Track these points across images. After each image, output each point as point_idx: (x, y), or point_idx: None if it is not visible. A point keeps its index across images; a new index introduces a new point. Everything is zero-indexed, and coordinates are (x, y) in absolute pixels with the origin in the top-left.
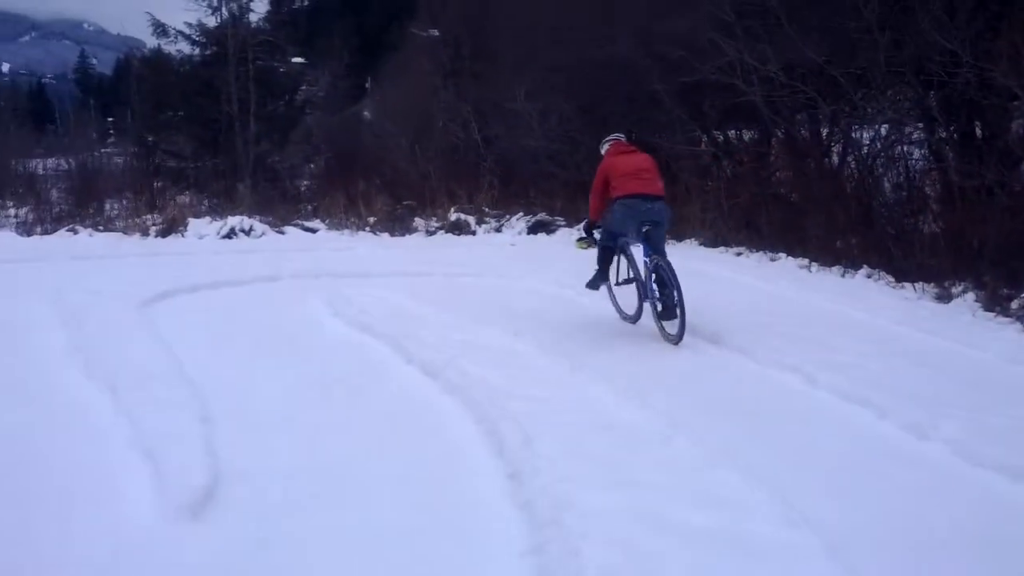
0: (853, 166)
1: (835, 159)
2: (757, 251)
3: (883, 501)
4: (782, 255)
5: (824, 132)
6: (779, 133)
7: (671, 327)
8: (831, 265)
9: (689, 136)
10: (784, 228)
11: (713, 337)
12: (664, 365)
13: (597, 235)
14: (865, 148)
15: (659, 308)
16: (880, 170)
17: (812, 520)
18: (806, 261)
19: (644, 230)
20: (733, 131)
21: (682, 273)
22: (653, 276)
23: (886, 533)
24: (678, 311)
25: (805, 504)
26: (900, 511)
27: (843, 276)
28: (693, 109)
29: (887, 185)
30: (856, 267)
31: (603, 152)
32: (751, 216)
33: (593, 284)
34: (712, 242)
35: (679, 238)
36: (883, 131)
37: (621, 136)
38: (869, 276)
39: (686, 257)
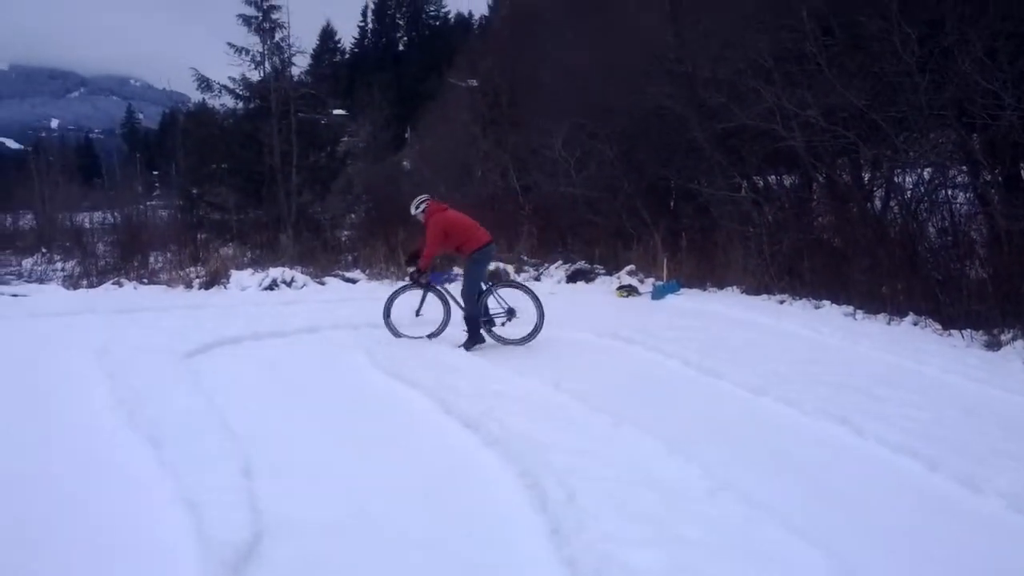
0: (896, 211)
1: (878, 204)
2: (800, 298)
3: (937, 558)
4: (826, 302)
5: (866, 176)
6: (820, 178)
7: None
8: (876, 312)
9: (729, 182)
10: (827, 274)
11: (758, 388)
12: (708, 417)
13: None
14: (908, 192)
15: (498, 323)
16: (924, 215)
17: None
18: (851, 308)
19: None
20: (773, 176)
21: (725, 321)
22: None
23: None
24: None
25: (856, 561)
26: (955, 568)
27: (889, 324)
28: (732, 155)
29: (932, 230)
30: (902, 314)
31: (419, 211)
32: (793, 263)
33: (473, 341)
34: (754, 290)
35: (720, 286)
36: (926, 175)
37: (429, 196)
38: (915, 323)
39: (728, 305)
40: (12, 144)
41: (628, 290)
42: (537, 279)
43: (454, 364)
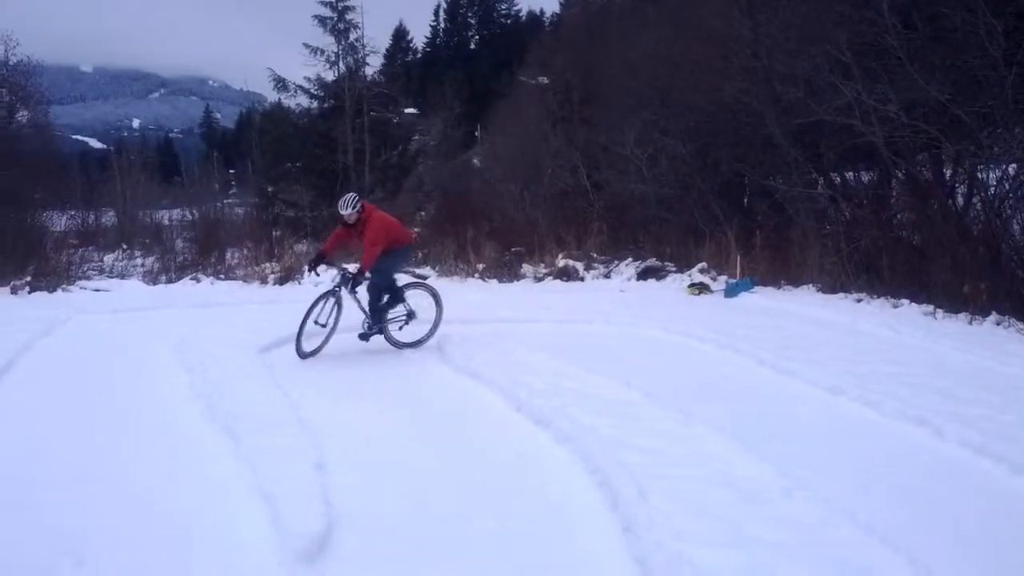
0: (979, 208)
1: (960, 200)
2: (878, 297)
3: (1018, 561)
4: (905, 301)
5: (948, 173)
6: (900, 174)
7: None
8: (957, 312)
9: (805, 178)
10: (907, 273)
11: (835, 388)
12: (782, 417)
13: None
14: (992, 189)
15: (396, 327)
16: (1009, 212)
17: None
18: (931, 307)
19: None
20: (851, 173)
21: (800, 320)
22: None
23: None
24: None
25: (935, 564)
26: None
27: (970, 323)
28: (809, 151)
29: (1017, 227)
30: (984, 314)
31: (354, 211)
32: (871, 260)
33: (379, 334)
34: (831, 288)
35: (795, 284)
36: (1011, 171)
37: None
38: (998, 323)
39: (803, 304)
40: (96, 144)
41: (700, 288)
42: (607, 276)
43: (527, 361)
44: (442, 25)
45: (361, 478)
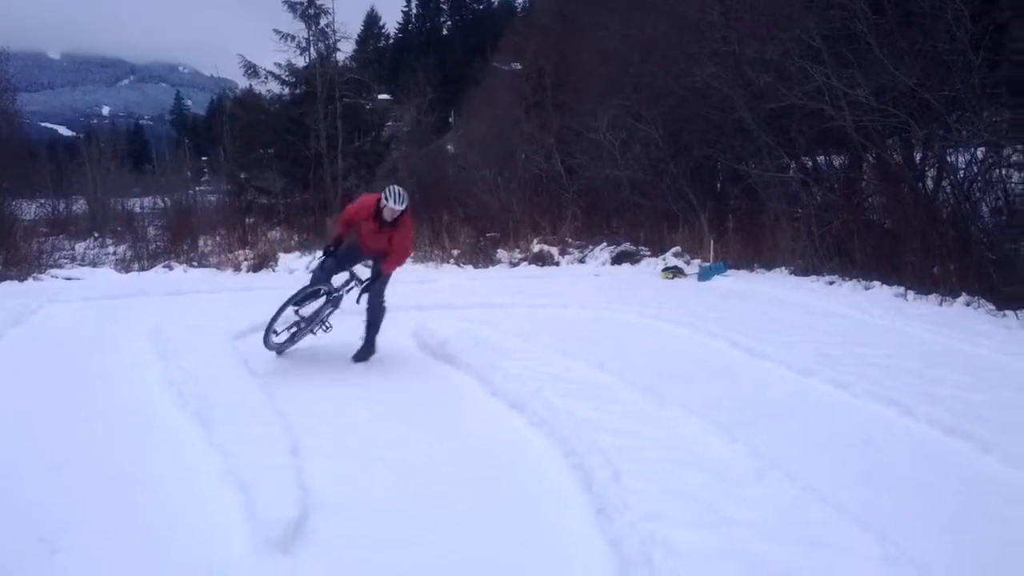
0: (949, 190)
1: (930, 184)
2: (850, 279)
3: (989, 539)
4: (876, 283)
5: (918, 156)
6: (870, 158)
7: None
8: (928, 293)
9: (777, 163)
10: (878, 255)
11: (806, 370)
12: (755, 398)
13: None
14: (961, 172)
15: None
16: (978, 194)
17: (916, 560)
18: (902, 289)
19: None
20: (822, 157)
21: (772, 302)
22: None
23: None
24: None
25: (906, 543)
26: (1011, 550)
27: (940, 304)
28: (780, 135)
29: (985, 209)
30: (954, 295)
31: (398, 208)
32: (843, 243)
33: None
34: (803, 271)
35: (768, 267)
36: (980, 154)
37: None
38: (968, 304)
39: (776, 286)
40: (64, 131)
41: (674, 271)
42: (582, 261)
43: (502, 346)
44: (414, 11)
45: (336, 464)
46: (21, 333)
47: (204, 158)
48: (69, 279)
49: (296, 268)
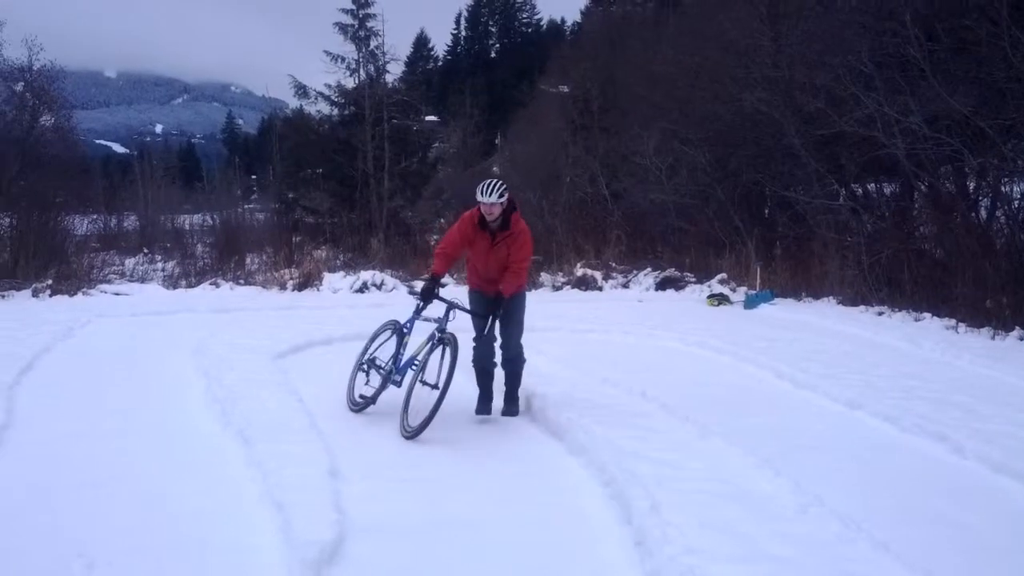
0: (1003, 220)
1: (983, 213)
2: (899, 310)
3: None
4: (926, 315)
5: (971, 185)
6: (922, 187)
7: None
8: (980, 326)
9: (826, 190)
10: (929, 286)
11: (853, 402)
12: (799, 430)
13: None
14: (1016, 202)
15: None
16: None
17: None
18: (953, 321)
19: None
20: (873, 185)
21: (820, 332)
22: None
23: None
24: None
25: None
26: None
27: (993, 338)
28: (830, 162)
29: None
30: (1008, 329)
31: (496, 202)
32: (893, 274)
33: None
34: (851, 301)
35: (815, 296)
36: None
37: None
38: (1022, 338)
39: (823, 316)
40: (118, 148)
41: (719, 299)
42: (626, 286)
43: (541, 371)
44: (463, 33)
45: (373, 485)
46: (69, 347)
47: (253, 176)
48: (118, 294)
49: (340, 288)
